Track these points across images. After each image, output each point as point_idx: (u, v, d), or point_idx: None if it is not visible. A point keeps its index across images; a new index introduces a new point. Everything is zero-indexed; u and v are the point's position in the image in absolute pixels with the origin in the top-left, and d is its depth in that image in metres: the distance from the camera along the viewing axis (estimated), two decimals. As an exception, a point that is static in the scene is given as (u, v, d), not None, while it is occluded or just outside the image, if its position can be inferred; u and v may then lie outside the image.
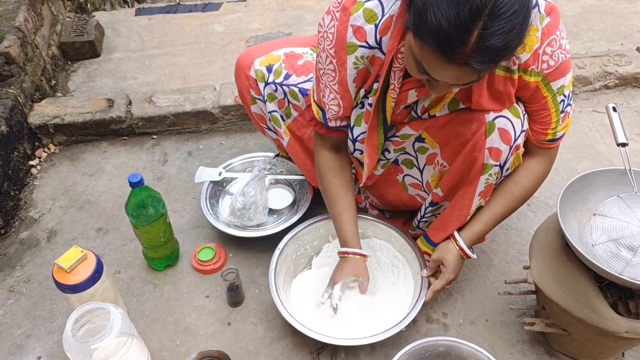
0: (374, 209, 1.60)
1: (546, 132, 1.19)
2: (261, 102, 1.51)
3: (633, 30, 2.44)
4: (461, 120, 1.19)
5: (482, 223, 1.31)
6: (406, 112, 1.25)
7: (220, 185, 1.76)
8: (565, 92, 1.13)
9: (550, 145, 1.22)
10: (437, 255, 1.36)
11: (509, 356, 1.37)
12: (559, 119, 1.17)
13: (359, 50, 1.12)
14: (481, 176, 1.22)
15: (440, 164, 1.30)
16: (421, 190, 1.42)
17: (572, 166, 1.86)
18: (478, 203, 1.29)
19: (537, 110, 1.16)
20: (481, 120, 1.15)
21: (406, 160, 1.38)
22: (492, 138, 1.16)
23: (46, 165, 1.95)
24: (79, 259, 1.26)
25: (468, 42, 0.84)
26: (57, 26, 2.41)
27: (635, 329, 1.09)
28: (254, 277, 1.56)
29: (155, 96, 2.06)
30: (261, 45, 1.53)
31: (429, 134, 1.26)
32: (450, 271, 1.33)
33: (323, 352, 1.38)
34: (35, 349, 1.42)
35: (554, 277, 1.18)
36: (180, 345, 1.41)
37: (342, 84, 1.19)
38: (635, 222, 1.13)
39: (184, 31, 2.60)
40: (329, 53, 1.15)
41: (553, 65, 1.07)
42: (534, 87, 1.11)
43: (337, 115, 1.26)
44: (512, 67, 1.07)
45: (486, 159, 1.19)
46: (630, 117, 2.04)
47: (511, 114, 1.15)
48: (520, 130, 1.17)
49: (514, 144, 1.18)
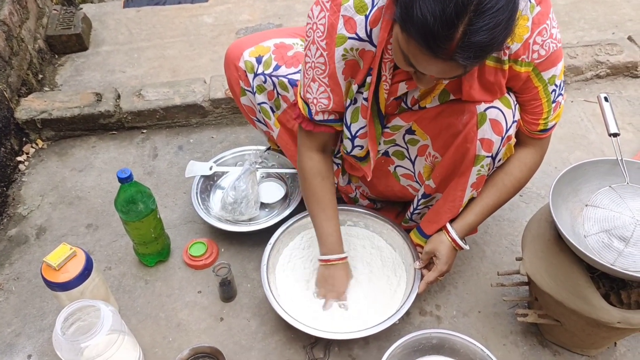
0: (365, 199, 1.59)
1: (538, 122, 1.18)
2: (250, 94, 1.49)
3: (624, 19, 2.43)
4: (452, 112, 1.18)
5: (474, 214, 1.31)
6: (396, 104, 1.23)
7: (212, 180, 1.74)
8: (557, 82, 1.12)
9: (542, 135, 1.22)
10: (430, 247, 1.35)
11: (502, 347, 1.37)
12: (551, 109, 1.16)
13: (348, 42, 1.10)
14: (473, 167, 1.21)
15: (432, 155, 1.29)
16: (413, 181, 1.42)
17: (564, 156, 1.86)
18: (470, 194, 1.28)
19: (528, 100, 1.16)
20: (472, 112, 1.15)
21: (397, 152, 1.37)
22: (483, 129, 1.15)
23: (34, 161, 1.93)
24: (68, 256, 1.24)
25: (453, 38, 0.83)
26: (44, 19, 2.37)
27: (627, 319, 1.09)
28: (246, 271, 1.56)
29: (144, 90, 2.04)
30: (251, 36, 1.51)
31: (419, 126, 1.25)
32: (443, 263, 1.33)
33: (316, 346, 1.38)
34: (26, 347, 1.40)
35: (547, 269, 1.18)
36: (173, 342, 1.41)
37: (332, 77, 1.17)
38: (627, 213, 1.13)
39: (173, 23, 2.56)
40: (320, 45, 1.13)
41: (544, 55, 1.06)
42: (524, 77, 1.10)
43: (327, 109, 1.24)
44: (502, 57, 1.06)
45: (478, 150, 1.18)
46: (622, 107, 2.04)
47: (502, 104, 1.15)
48: (512, 120, 1.16)
49: (505, 135, 1.17)
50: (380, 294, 1.43)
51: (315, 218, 1.38)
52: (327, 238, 1.37)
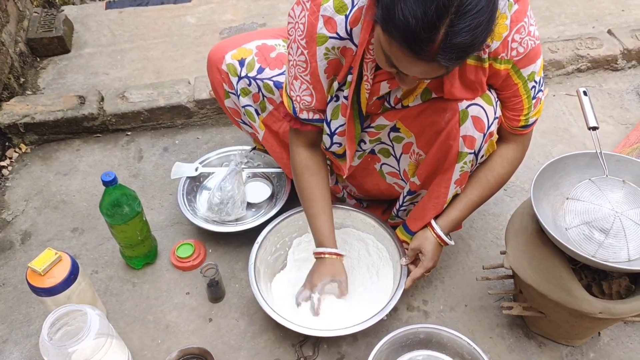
0: (352, 199, 1.60)
1: (519, 118, 1.20)
2: (234, 96, 1.49)
3: (604, 12, 2.46)
4: (435, 110, 1.19)
5: (459, 210, 1.33)
6: (379, 103, 1.24)
7: (198, 181, 1.74)
8: (536, 79, 1.14)
9: (523, 131, 1.23)
10: (416, 244, 1.37)
11: (489, 340, 1.39)
12: (531, 105, 1.18)
13: (329, 42, 1.11)
14: (456, 164, 1.23)
15: (416, 152, 1.31)
16: (399, 179, 1.43)
17: (547, 150, 1.88)
18: (454, 191, 1.30)
19: (509, 97, 1.17)
20: (454, 109, 1.16)
21: (383, 150, 1.38)
22: (465, 126, 1.17)
23: (18, 166, 1.91)
24: (53, 261, 1.24)
25: (435, 40, 0.84)
26: (24, 22, 2.35)
27: (608, 310, 1.12)
28: (234, 272, 1.56)
29: (128, 92, 2.03)
30: (233, 38, 1.51)
31: (403, 124, 1.27)
32: (429, 259, 1.34)
33: (305, 344, 1.39)
34: (13, 353, 1.40)
35: (530, 262, 1.20)
36: (162, 344, 1.40)
37: (314, 75, 1.18)
38: (606, 205, 1.15)
39: (155, 24, 2.55)
40: (300, 44, 1.14)
41: (522, 52, 1.08)
42: (504, 74, 1.11)
43: (310, 106, 1.25)
44: (482, 55, 1.08)
45: (461, 147, 1.20)
46: (602, 100, 2.07)
47: (484, 101, 1.16)
48: (493, 117, 1.18)
49: (487, 131, 1.19)
50: (368, 290, 1.44)
51: (306, 212, 1.40)
52: (316, 232, 1.38)
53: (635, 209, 1.14)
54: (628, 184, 1.18)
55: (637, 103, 2.05)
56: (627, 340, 1.37)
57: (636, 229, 1.12)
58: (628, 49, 2.15)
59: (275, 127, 1.50)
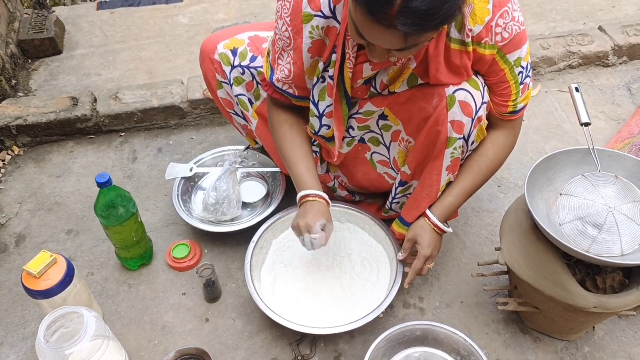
0: (343, 189, 1.59)
1: (507, 104, 1.21)
2: (227, 86, 1.50)
3: (595, 9, 2.48)
4: (422, 95, 1.21)
5: (452, 196, 1.32)
6: (366, 88, 1.26)
7: (192, 181, 1.74)
8: (523, 64, 1.15)
9: (513, 117, 1.25)
10: (411, 234, 1.36)
11: (485, 336, 1.40)
12: (519, 91, 1.19)
13: (314, 20, 1.13)
14: (446, 150, 1.23)
15: (405, 140, 1.31)
16: (389, 168, 1.43)
17: (540, 146, 1.89)
18: (447, 179, 1.30)
19: (496, 82, 1.19)
20: (441, 94, 1.17)
21: (372, 138, 1.38)
22: (453, 111, 1.18)
23: (10, 168, 1.90)
24: (49, 263, 1.23)
25: (393, 3, 0.87)
26: (15, 23, 2.33)
27: (602, 304, 1.13)
28: (230, 271, 1.56)
29: (120, 92, 2.02)
30: (225, 30, 1.52)
31: (391, 111, 1.28)
32: (425, 247, 1.33)
33: (302, 342, 1.39)
34: (9, 356, 1.39)
35: (524, 257, 1.21)
36: (158, 345, 1.40)
37: (297, 51, 1.20)
38: (599, 200, 1.16)
39: (147, 24, 2.54)
40: (285, 21, 1.17)
41: (507, 38, 1.09)
42: (489, 59, 1.13)
43: (287, 79, 1.26)
44: (465, 39, 1.10)
45: (449, 132, 1.20)
46: (594, 96, 2.09)
47: (470, 86, 1.17)
48: (481, 102, 1.19)
49: (475, 116, 1.20)
50: (364, 288, 1.44)
51: (287, 162, 1.35)
52: (299, 178, 1.32)
53: (627, 204, 1.15)
54: (620, 179, 1.20)
55: (628, 98, 2.06)
56: (622, 334, 1.38)
57: (629, 223, 1.13)
58: (619, 45, 2.17)
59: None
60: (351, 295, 1.43)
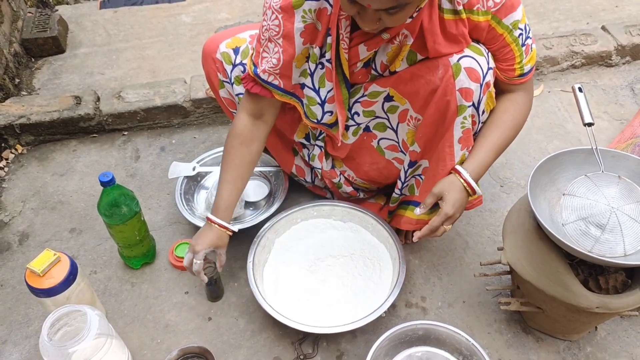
0: (349, 185, 1.57)
1: (513, 67, 1.22)
2: (229, 85, 1.50)
3: (598, 8, 2.47)
4: (427, 69, 1.21)
5: (483, 152, 1.25)
6: (366, 72, 1.26)
7: (195, 180, 1.74)
8: (520, 26, 1.17)
9: (522, 79, 1.25)
10: (438, 190, 1.24)
11: (487, 336, 1.40)
12: (522, 52, 1.20)
13: (305, 4, 1.15)
14: (457, 118, 1.21)
15: (414, 118, 1.30)
16: (398, 152, 1.42)
17: (543, 146, 1.89)
18: (461, 154, 1.26)
19: (498, 48, 1.20)
20: (446, 64, 1.17)
21: (378, 125, 1.38)
22: (460, 79, 1.17)
23: (14, 167, 1.91)
24: (52, 262, 1.23)
25: None
26: (19, 22, 2.34)
27: (605, 304, 1.13)
28: (232, 270, 1.56)
29: (124, 91, 2.02)
30: (226, 30, 1.53)
31: (396, 91, 1.27)
32: (450, 205, 1.21)
33: (305, 341, 1.39)
34: (12, 354, 1.39)
35: (527, 257, 1.21)
36: (161, 343, 1.41)
37: (287, 38, 1.20)
38: (602, 201, 1.16)
39: (151, 23, 2.54)
40: (275, 9, 1.18)
41: (499, 3, 1.11)
42: (485, 26, 1.15)
43: (275, 68, 1.25)
44: (457, 8, 1.11)
45: (459, 101, 1.19)
46: (597, 96, 2.08)
47: (474, 52, 1.18)
48: (487, 67, 1.19)
49: (483, 82, 1.19)
50: (366, 287, 1.44)
51: (220, 176, 1.38)
52: (218, 197, 1.36)
53: (630, 204, 1.15)
54: (623, 180, 1.19)
55: (631, 99, 2.06)
56: (624, 335, 1.38)
57: (632, 224, 1.13)
58: (622, 45, 2.16)
59: None
60: (353, 294, 1.43)
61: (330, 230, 1.58)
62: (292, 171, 1.64)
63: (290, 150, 1.61)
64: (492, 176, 1.79)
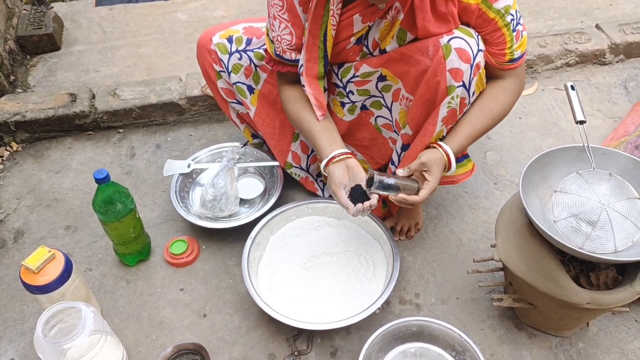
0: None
1: (504, 52, 1.24)
2: (225, 75, 1.52)
3: (592, 7, 2.48)
4: (417, 49, 1.22)
5: (463, 135, 1.28)
6: (358, 49, 1.28)
7: (190, 177, 1.75)
8: (512, 12, 1.19)
9: (513, 65, 1.27)
10: (426, 159, 1.25)
11: (480, 332, 1.41)
12: (512, 38, 1.22)
13: None
14: (445, 98, 1.22)
15: (405, 97, 1.32)
16: (392, 131, 1.44)
17: (537, 144, 1.90)
18: (440, 129, 1.27)
19: (489, 32, 1.22)
20: (437, 45, 1.19)
21: (374, 103, 1.40)
22: (451, 59, 1.18)
23: (9, 164, 1.91)
24: (47, 258, 1.24)
25: None
26: (14, 19, 2.33)
27: (596, 300, 1.14)
28: (227, 267, 1.57)
29: (119, 89, 2.02)
30: (220, 24, 1.56)
31: (389, 70, 1.29)
32: (437, 179, 1.24)
33: (299, 338, 1.40)
34: (8, 351, 1.40)
35: (519, 254, 1.22)
36: (156, 340, 1.41)
37: (291, 11, 1.23)
38: (593, 198, 1.17)
39: (146, 21, 2.54)
40: None
41: None
42: (475, 9, 1.17)
43: (291, 45, 1.29)
44: None
45: (449, 81, 1.20)
46: (591, 94, 2.09)
47: (464, 34, 1.19)
48: (477, 49, 1.21)
49: (474, 63, 1.20)
50: (360, 284, 1.45)
51: (305, 136, 1.37)
52: (318, 143, 1.32)
53: (621, 201, 1.16)
54: (614, 177, 1.20)
55: (624, 97, 2.07)
56: (615, 330, 1.39)
57: (622, 220, 1.14)
58: (616, 43, 2.17)
59: (272, 96, 1.53)
60: (348, 291, 1.44)
61: (325, 228, 1.59)
62: (287, 160, 1.64)
63: (290, 135, 1.61)
64: (486, 174, 1.80)
